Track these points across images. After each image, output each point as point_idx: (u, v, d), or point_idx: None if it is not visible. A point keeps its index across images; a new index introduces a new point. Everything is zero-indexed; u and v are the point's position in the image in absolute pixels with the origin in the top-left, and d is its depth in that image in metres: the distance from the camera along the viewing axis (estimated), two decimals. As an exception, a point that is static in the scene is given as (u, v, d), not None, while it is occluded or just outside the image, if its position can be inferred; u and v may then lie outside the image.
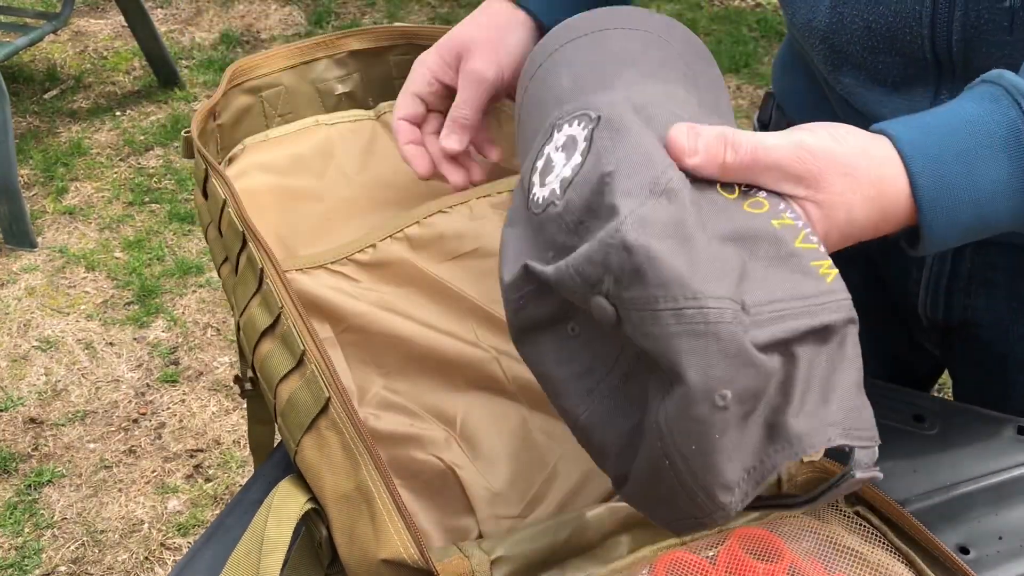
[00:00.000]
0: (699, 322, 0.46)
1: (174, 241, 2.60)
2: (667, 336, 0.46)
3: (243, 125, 0.89)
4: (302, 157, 0.88)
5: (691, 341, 0.46)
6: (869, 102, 0.76)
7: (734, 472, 0.47)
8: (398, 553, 0.57)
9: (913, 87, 0.74)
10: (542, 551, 0.60)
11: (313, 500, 0.62)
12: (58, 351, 2.28)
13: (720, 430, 0.46)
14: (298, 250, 0.83)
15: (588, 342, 0.53)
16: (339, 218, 0.85)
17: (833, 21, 0.76)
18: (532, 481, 0.67)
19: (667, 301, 0.46)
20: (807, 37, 0.80)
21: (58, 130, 3.00)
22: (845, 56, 0.77)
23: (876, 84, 0.76)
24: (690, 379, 0.46)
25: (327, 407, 0.62)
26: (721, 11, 3.57)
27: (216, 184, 0.75)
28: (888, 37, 0.73)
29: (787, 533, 0.60)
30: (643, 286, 0.47)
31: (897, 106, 0.74)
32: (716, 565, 0.57)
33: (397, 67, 0.93)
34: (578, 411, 0.53)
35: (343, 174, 0.88)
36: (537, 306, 0.54)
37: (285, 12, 3.59)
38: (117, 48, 3.40)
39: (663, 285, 0.46)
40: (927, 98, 0.74)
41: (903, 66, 0.74)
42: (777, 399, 0.48)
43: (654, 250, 0.47)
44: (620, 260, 0.47)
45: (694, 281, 0.46)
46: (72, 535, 1.91)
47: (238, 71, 0.88)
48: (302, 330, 0.64)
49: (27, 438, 2.09)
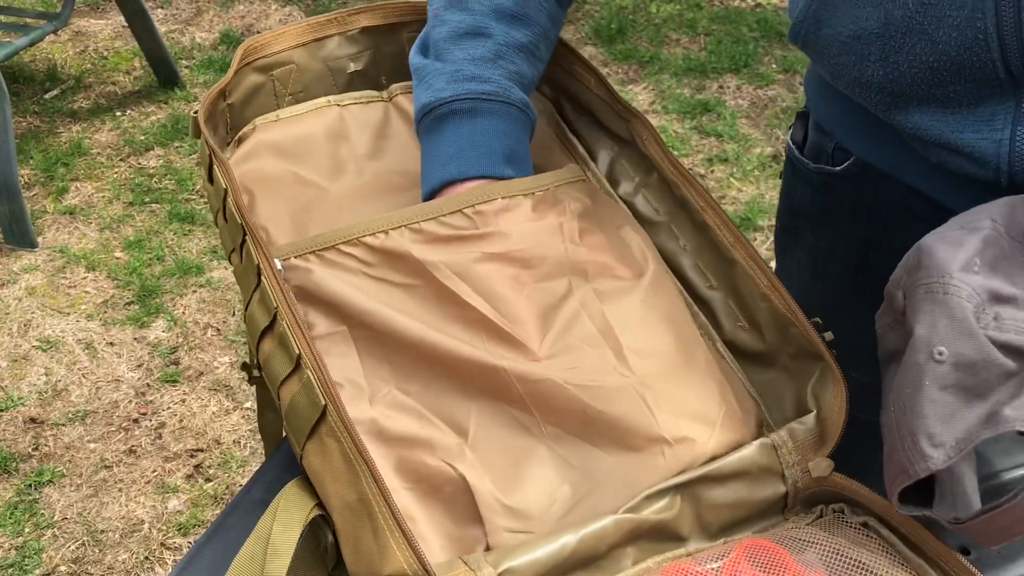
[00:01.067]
0: (939, 292, 0.59)
1: (174, 241, 2.59)
2: (917, 302, 0.60)
3: (254, 104, 0.87)
4: (314, 139, 0.86)
5: (929, 305, 0.59)
6: (943, 132, 0.75)
7: (945, 432, 0.57)
8: (401, 568, 0.56)
9: (989, 105, 0.73)
10: (548, 563, 0.60)
11: (320, 506, 0.62)
12: (58, 351, 2.28)
13: (933, 380, 0.57)
14: (309, 231, 0.80)
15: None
16: (350, 201, 0.83)
17: (888, 72, 0.74)
18: (543, 496, 0.66)
19: (927, 278, 0.61)
20: (858, 91, 0.78)
21: (58, 130, 3.00)
22: (908, 98, 0.75)
23: (948, 112, 0.74)
24: (918, 332, 0.59)
25: (325, 414, 0.61)
26: (721, 11, 3.57)
27: (219, 172, 0.74)
28: (955, 70, 0.71)
29: (793, 545, 0.60)
30: (919, 270, 0.62)
31: (975, 127, 0.73)
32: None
33: (410, 44, 0.90)
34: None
35: (355, 157, 0.86)
36: (892, 336, 0.66)
37: (285, 12, 3.58)
38: (117, 48, 3.39)
39: (928, 269, 0.61)
40: (1008, 112, 0.72)
41: (975, 90, 0.72)
42: (1005, 397, 0.58)
43: (934, 247, 0.61)
44: (913, 256, 0.63)
45: (951, 268, 0.60)
46: (72, 535, 1.91)
47: (249, 49, 0.85)
48: (296, 334, 0.64)
49: (27, 438, 2.09)
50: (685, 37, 3.41)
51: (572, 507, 0.66)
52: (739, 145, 2.91)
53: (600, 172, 0.87)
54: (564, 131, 0.89)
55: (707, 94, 3.13)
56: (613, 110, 0.85)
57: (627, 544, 0.62)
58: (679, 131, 2.97)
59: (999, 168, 0.73)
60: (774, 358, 0.74)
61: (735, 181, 2.78)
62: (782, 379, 0.72)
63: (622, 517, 0.62)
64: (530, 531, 0.64)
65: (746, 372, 0.75)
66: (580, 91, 0.88)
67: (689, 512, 0.64)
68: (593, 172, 0.86)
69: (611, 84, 0.86)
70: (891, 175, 0.86)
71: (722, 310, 0.77)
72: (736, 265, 0.75)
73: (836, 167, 0.91)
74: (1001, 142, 0.72)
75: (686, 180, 0.79)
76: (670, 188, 0.81)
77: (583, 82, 0.87)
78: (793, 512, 0.67)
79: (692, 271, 0.79)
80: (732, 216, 2.64)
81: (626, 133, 0.85)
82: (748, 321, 0.75)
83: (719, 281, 0.77)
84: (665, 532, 0.64)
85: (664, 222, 0.81)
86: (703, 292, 0.78)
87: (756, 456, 0.66)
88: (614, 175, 0.86)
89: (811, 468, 0.66)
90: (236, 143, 0.86)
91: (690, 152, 2.89)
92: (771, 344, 0.74)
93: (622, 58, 3.29)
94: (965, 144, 0.74)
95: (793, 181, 0.99)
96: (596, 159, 0.87)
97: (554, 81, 0.90)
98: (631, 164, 0.85)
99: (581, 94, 0.88)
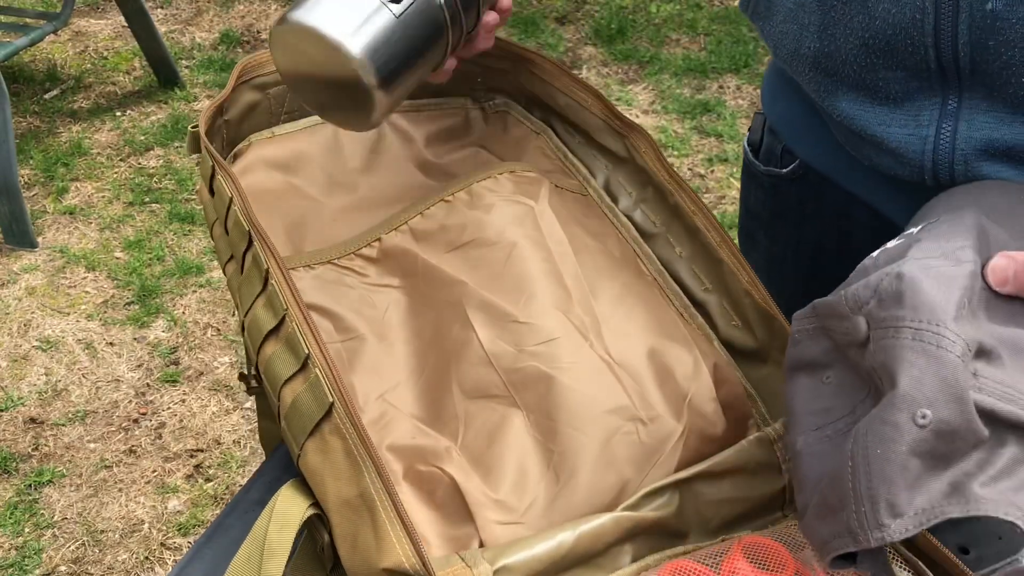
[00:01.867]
0: (931, 344, 0.51)
1: (174, 241, 2.59)
2: (899, 348, 0.52)
3: (249, 121, 0.89)
4: (308, 155, 0.89)
5: (917, 357, 0.51)
6: (870, 123, 0.75)
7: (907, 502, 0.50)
8: (399, 562, 0.57)
9: (916, 100, 0.72)
10: (545, 560, 0.60)
11: (315, 506, 0.62)
12: (58, 351, 2.28)
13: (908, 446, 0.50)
14: (304, 246, 0.83)
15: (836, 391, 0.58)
16: (345, 216, 0.85)
17: (824, 45, 0.74)
18: (531, 485, 0.67)
19: (913, 322, 0.52)
20: (795, 66, 0.78)
21: (58, 130, 3.00)
22: (839, 79, 0.75)
23: (876, 103, 0.74)
24: (901, 385, 0.50)
25: (330, 412, 0.62)
26: (721, 11, 3.57)
27: (223, 182, 0.75)
28: (887, 52, 0.71)
29: (791, 542, 0.60)
30: (899, 307, 0.53)
31: (902, 122, 0.73)
32: (720, 574, 0.57)
33: None
34: (799, 440, 0.59)
35: (349, 173, 0.88)
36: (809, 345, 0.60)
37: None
38: (117, 48, 3.39)
39: (915, 308, 0.52)
40: (934, 108, 0.72)
41: (904, 80, 0.72)
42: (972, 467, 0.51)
43: (921, 283, 0.53)
44: (889, 284, 0.54)
45: (943, 314, 0.52)
46: (72, 535, 1.91)
47: (247, 67, 0.88)
48: (306, 333, 0.64)
49: (27, 438, 2.09)
50: (685, 37, 3.41)
51: (557, 493, 0.67)
52: (739, 145, 2.91)
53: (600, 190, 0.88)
54: (565, 154, 0.91)
55: (707, 94, 3.13)
56: (610, 127, 0.86)
57: (626, 541, 0.63)
58: (679, 131, 2.97)
59: (923, 167, 0.73)
60: (767, 354, 0.75)
61: (735, 181, 2.78)
62: (776, 374, 0.73)
63: (620, 515, 0.62)
64: (520, 521, 0.65)
65: (743, 369, 0.77)
66: (573, 111, 0.89)
67: (688, 509, 0.65)
68: (595, 189, 0.88)
69: (609, 101, 0.87)
70: (830, 178, 0.87)
71: (717, 311, 0.79)
72: (723, 264, 0.76)
73: (783, 169, 0.92)
74: (927, 139, 0.72)
75: (679, 186, 0.81)
76: (664, 196, 0.82)
77: (579, 102, 0.88)
78: (792, 508, 0.67)
79: (689, 276, 0.81)
80: (732, 216, 2.64)
81: (621, 150, 0.86)
82: (740, 318, 0.76)
83: (712, 283, 0.79)
84: (664, 529, 0.64)
85: (662, 232, 0.83)
86: (699, 295, 0.80)
87: (754, 451, 0.67)
88: (612, 192, 0.87)
89: None
90: (232, 159, 0.88)
91: (690, 152, 2.89)
92: (762, 340, 0.75)
93: (622, 58, 3.29)
94: (891, 139, 0.73)
95: (748, 184, 1.00)
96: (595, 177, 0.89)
97: (545, 103, 0.91)
98: (627, 180, 0.87)
99: (571, 114, 0.89)
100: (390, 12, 0.70)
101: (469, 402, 0.72)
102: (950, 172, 0.72)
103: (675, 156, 2.86)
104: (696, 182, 2.78)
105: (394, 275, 0.80)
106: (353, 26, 0.69)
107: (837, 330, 0.58)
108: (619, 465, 0.68)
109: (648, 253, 0.82)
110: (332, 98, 0.73)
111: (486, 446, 0.69)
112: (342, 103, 0.73)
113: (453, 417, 0.71)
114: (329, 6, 0.70)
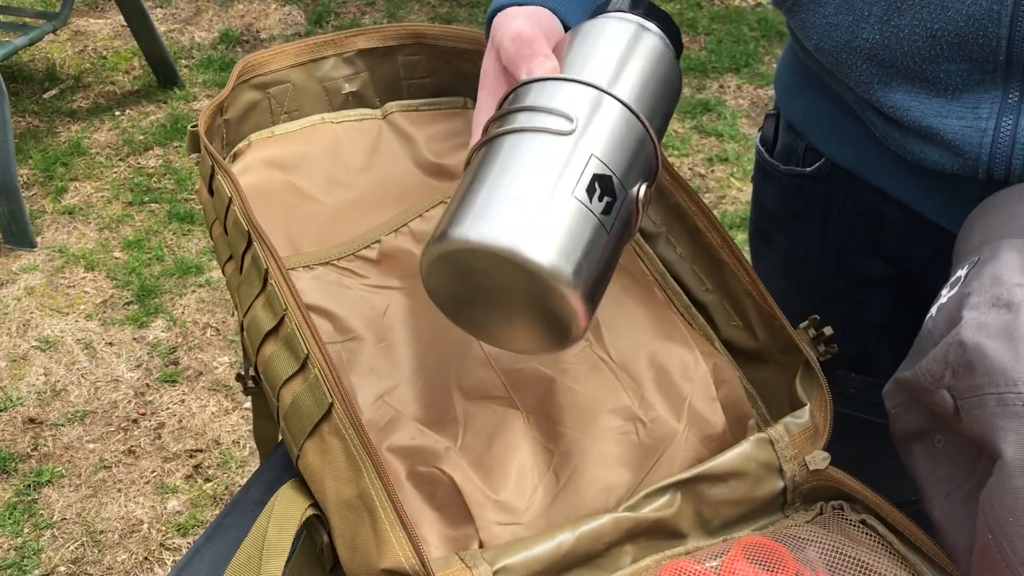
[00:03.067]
0: (1018, 404, 0.52)
1: (174, 241, 2.59)
2: (989, 417, 0.53)
3: (249, 121, 0.89)
4: (308, 155, 0.88)
5: (1010, 421, 0.52)
6: (925, 115, 0.73)
7: None
8: (399, 563, 0.57)
9: (975, 92, 0.71)
10: (545, 561, 0.60)
11: (315, 506, 0.62)
12: (57, 351, 2.28)
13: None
14: (304, 247, 0.83)
15: (951, 454, 0.60)
16: (344, 216, 0.85)
17: (885, 36, 0.72)
18: (531, 486, 0.67)
19: (992, 387, 0.54)
20: (844, 58, 0.76)
21: (57, 130, 3.00)
22: (896, 71, 0.73)
23: (932, 95, 0.72)
24: (1006, 454, 0.52)
25: (330, 412, 0.62)
26: (721, 11, 3.57)
27: (222, 181, 0.75)
28: (955, 43, 0.69)
29: (792, 543, 0.60)
30: (973, 376, 0.55)
31: (959, 114, 0.72)
32: (720, 575, 0.57)
33: (405, 67, 0.92)
34: (935, 512, 0.61)
35: (349, 173, 0.88)
36: (908, 418, 0.62)
37: (285, 12, 3.58)
38: (117, 48, 3.39)
39: (989, 374, 0.54)
40: (995, 101, 0.71)
41: (967, 72, 0.70)
42: None
43: (984, 347, 0.54)
44: (956, 355, 0.56)
45: (1017, 372, 0.53)
46: (72, 535, 1.91)
47: (247, 67, 0.87)
48: (306, 333, 0.64)
49: (26, 438, 2.09)
50: (685, 37, 3.41)
51: (557, 494, 0.67)
52: (739, 145, 2.91)
53: None
54: None
55: (707, 94, 3.13)
56: None
57: (626, 542, 0.63)
58: (679, 131, 2.97)
59: (979, 159, 0.72)
60: (767, 354, 0.75)
61: (735, 181, 2.78)
62: (776, 375, 0.73)
63: (621, 515, 0.62)
64: (520, 522, 0.65)
65: (744, 370, 0.77)
66: None
67: (689, 509, 0.65)
68: None
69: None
70: (859, 176, 0.86)
71: (718, 311, 0.78)
72: (724, 265, 0.76)
73: (807, 168, 0.91)
74: (985, 132, 0.71)
75: (679, 185, 0.80)
76: (665, 196, 0.82)
77: None
78: (793, 508, 0.67)
79: (690, 277, 0.80)
80: (732, 216, 2.64)
81: None
82: (740, 319, 0.76)
83: (713, 284, 0.78)
84: (664, 530, 0.64)
85: (662, 232, 0.83)
86: (700, 296, 0.79)
87: (754, 452, 0.66)
88: None
89: (808, 462, 0.66)
90: (231, 158, 0.88)
91: (690, 152, 2.89)
92: (763, 341, 0.75)
93: (622, 58, 3.29)
94: (946, 131, 0.72)
95: (763, 184, 0.98)
96: None
97: None
98: None
99: None
100: (597, 222, 0.58)
101: (469, 403, 0.72)
102: (1007, 166, 0.71)
103: (675, 156, 2.86)
104: (696, 182, 2.78)
105: (394, 276, 0.80)
106: (558, 246, 0.57)
107: (927, 402, 0.59)
108: (619, 466, 0.68)
109: (649, 253, 0.82)
110: (508, 319, 0.62)
111: (486, 447, 0.69)
112: (523, 324, 0.62)
113: (453, 418, 0.71)
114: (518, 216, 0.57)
